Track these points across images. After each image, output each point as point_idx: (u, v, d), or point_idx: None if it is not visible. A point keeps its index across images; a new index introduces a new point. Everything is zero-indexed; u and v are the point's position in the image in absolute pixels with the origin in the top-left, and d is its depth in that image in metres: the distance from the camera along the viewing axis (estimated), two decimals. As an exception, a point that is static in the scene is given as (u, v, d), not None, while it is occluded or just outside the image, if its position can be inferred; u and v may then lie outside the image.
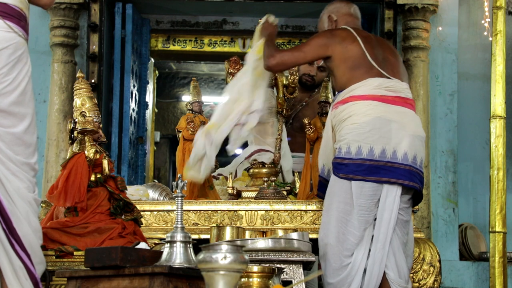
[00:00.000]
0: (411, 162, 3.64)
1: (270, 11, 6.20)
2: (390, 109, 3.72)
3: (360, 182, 3.61)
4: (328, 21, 4.09)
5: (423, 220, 5.42)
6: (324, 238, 3.65)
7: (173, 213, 4.11)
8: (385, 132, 3.64)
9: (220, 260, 2.35)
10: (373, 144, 3.61)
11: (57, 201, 3.60)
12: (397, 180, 3.61)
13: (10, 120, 3.13)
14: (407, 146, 3.65)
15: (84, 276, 2.86)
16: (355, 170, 3.61)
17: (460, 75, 5.84)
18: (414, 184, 3.65)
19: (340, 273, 3.59)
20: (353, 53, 3.81)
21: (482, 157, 5.71)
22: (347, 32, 3.89)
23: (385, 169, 3.61)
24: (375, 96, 3.72)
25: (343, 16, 4.07)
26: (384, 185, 3.62)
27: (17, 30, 3.18)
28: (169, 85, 10.42)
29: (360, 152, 3.62)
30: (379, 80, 3.76)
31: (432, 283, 4.06)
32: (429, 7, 5.59)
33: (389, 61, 3.89)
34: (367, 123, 3.64)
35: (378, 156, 3.61)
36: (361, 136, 3.63)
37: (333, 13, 4.09)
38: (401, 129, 3.67)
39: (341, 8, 4.10)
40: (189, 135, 4.37)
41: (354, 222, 3.60)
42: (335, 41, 3.85)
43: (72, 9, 5.62)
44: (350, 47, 3.82)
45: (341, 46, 3.83)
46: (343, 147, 3.66)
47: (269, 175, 4.42)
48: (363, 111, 3.68)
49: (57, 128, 5.53)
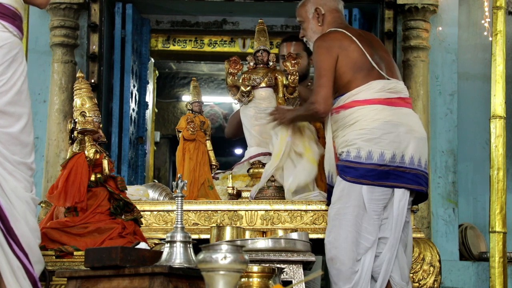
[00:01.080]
0: (417, 166, 3.66)
1: (270, 11, 6.26)
2: (396, 112, 3.72)
3: (370, 187, 3.61)
4: (315, 13, 4.00)
5: (423, 220, 5.42)
6: (334, 242, 3.63)
7: (173, 213, 4.11)
8: (395, 137, 3.64)
9: (220, 260, 2.35)
10: (384, 149, 3.61)
11: (57, 201, 3.60)
12: (406, 185, 3.63)
13: (6, 120, 3.13)
14: (413, 149, 3.65)
15: (84, 276, 2.86)
16: (365, 175, 3.61)
17: (460, 75, 5.84)
18: (421, 188, 3.69)
19: (354, 277, 3.58)
20: (353, 54, 3.78)
21: (482, 157, 5.70)
22: (341, 34, 3.83)
23: (394, 174, 3.62)
24: (380, 100, 3.71)
25: (331, 11, 4.00)
26: (395, 189, 3.62)
27: (12, 30, 3.18)
28: (169, 85, 10.42)
29: (371, 157, 3.60)
30: (382, 83, 3.75)
31: (432, 283, 4.06)
32: (429, 7, 5.59)
33: (385, 60, 3.87)
34: (378, 129, 3.63)
35: (388, 161, 3.61)
36: (372, 141, 3.62)
37: (320, 5, 4.00)
38: (409, 132, 3.68)
39: (329, 2, 4.01)
40: (189, 135, 4.36)
41: (368, 227, 3.60)
42: (335, 45, 3.80)
43: (72, 9, 5.62)
44: (350, 48, 3.79)
45: (341, 49, 3.78)
46: (352, 151, 3.64)
47: (269, 175, 4.41)
48: (370, 116, 3.67)
49: (57, 128, 5.53)
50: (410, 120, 3.75)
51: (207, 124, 4.52)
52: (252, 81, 4.48)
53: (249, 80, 4.48)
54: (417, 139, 3.69)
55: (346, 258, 3.58)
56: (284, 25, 6.49)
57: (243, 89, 4.46)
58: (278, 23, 6.53)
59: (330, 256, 3.63)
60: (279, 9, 6.16)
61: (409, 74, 5.61)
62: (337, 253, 3.61)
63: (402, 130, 3.66)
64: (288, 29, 6.52)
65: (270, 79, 4.50)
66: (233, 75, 4.45)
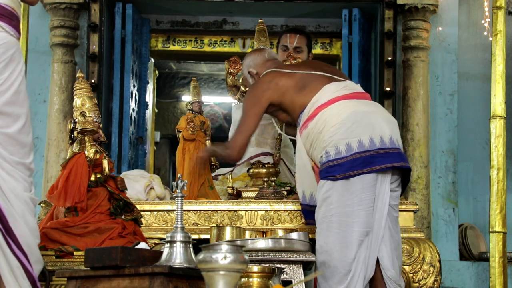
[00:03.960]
0: (398, 145, 3.67)
1: (270, 11, 6.26)
2: (359, 102, 3.75)
3: (360, 176, 3.59)
4: (250, 76, 4.13)
5: (423, 220, 5.42)
6: (324, 246, 3.60)
7: (173, 213, 4.11)
8: (367, 122, 3.64)
9: (220, 260, 2.35)
10: (360, 136, 3.60)
11: (57, 201, 3.60)
12: (394, 164, 3.62)
13: (4, 120, 3.12)
14: (389, 130, 3.66)
15: (84, 276, 2.86)
16: (351, 166, 3.59)
17: (460, 75, 5.84)
18: (407, 164, 3.68)
19: (347, 277, 3.56)
20: (289, 83, 3.84)
21: (482, 157, 5.70)
22: (270, 75, 3.91)
23: (379, 157, 3.60)
24: (340, 97, 3.74)
25: (261, 66, 4.10)
26: (378, 174, 3.61)
27: (8, 30, 3.17)
28: (169, 85, 10.42)
29: (350, 147, 3.59)
30: (334, 85, 3.79)
31: (432, 283, 4.06)
32: (429, 7, 5.60)
33: (330, 69, 3.94)
34: (347, 119, 3.64)
35: (368, 146, 3.60)
36: (346, 133, 3.61)
37: (251, 67, 4.13)
38: (378, 117, 3.69)
39: (255, 60, 4.14)
40: (189, 135, 4.36)
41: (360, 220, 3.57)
42: (262, 90, 3.87)
43: (72, 9, 5.63)
44: (281, 82, 3.85)
45: (272, 89, 3.85)
46: (330, 150, 3.63)
47: (269, 175, 4.42)
48: (336, 112, 3.68)
49: (57, 128, 5.53)
50: (375, 107, 3.80)
51: (207, 124, 4.52)
52: (252, 81, 4.48)
53: (249, 80, 4.48)
54: (388, 121, 3.70)
55: (338, 262, 3.55)
56: (284, 25, 6.49)
57: (243, 89, 4.46)
58: (278, 23, 6.53)
59: (321, 260, 3.60)
60: (279, 9, 6.17)
61: (409, 74, 5.61)
62: (328, 257, 3.57)
63: (372, 115, 3.67)
64: (288, 29, 6.53)
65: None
66: (233, 75, 4.46)
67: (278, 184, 4.37)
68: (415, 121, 5.52)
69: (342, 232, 3.56)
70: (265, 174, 4.45)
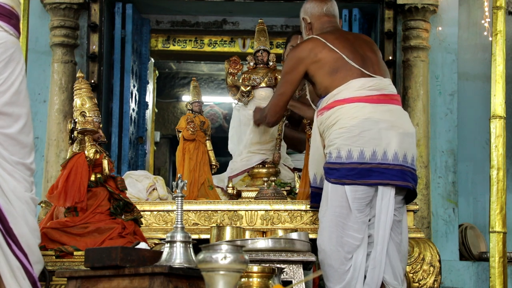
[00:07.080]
0: (402, 161, 3.62)
1: (270, 11, 6.26)
2: (376, 109, 3.68)
3: (353, 186, 3.59)
4: (304, 23, 4.05)
5: (423, 220, 5.42)
6: (321, 244, 3.63)
7: (173, 213, 4.11)
8: (374, 134, 3.61)
9: (220, 260, 2.35)
10: (363, 147, 3.59)
11: (57, 201, 3.60)
12: (390, 181, 3.59)
13: (5, 121, 3.11)
14: (396, 145, 3.61)
15: (84, 276, 2.86)
16: (347, 175, 3.59)
17: (460, 75, 5.84)
18: (407, 183, 3.63)
19: (345, 277, 3.57)
20: (327, 59, 3.79)
21: (482, 157, 5.70)
22: (313, 42, 3.85)
23: (377, 171, 3.58)
24: (360, 98, 3.69)
25: (317, 18, 4.02)
26: (378, 187, 3.61)
27: (8, 29, 3.16)
28: (169, 85, 10.42)
29: (351, 155, 3.59)
30: (362, 81, 3.73)
31: (432, 283, 4.06)
32: (429, 7, 5.59)
33: (369, 58, 3.84)
34: (356, 126, 3.61)
35: (369, 159, 3.58)
36: (351, 140, 3.60)
37: (307, 15, 4.04)
38: (390, 129, 3.64)
39: (313, 9, 4.04)
40: (189, 135, 4.37)
41: (354, 225, 3.59)
42: (301, 58, 3.84)
43: (72, 9, 5.62)
44: (321, 55, 3.80)
45: (310, 58, 3.81)
46: (333, 152, 3.63)
47: (269, 175, 4.42)
48: (349, 114, 3.65)
49: (57, 128, 5.53)
50: (393, 116, 3.70)
51: (207, 124, 4.52)
52: (252, 81, 4.49)
53: (249, 80, 4.49)
54: (401, 135, 3.65)
55: (333, 260, 3.58)
56: (284, 25, 6.49)
57: (243, 89, 4.47)
58: (278, 23, 6.53)
59: (319, 258, 3.66)
60: (279, 9, 6.16)
61: (409, 74, 5.61)
62: (324, 255, 3.62)
63: (383, 126, 3.62)
64: (288, 29, 6.52)
65: (270, 79, 4.51)
66: (233, 75, 4.46)
67: (278, 184, 4.37)
68: (415, 121, 5.51)
69: (336, 231, 3.59)
70: (265, 174, 4.45)
